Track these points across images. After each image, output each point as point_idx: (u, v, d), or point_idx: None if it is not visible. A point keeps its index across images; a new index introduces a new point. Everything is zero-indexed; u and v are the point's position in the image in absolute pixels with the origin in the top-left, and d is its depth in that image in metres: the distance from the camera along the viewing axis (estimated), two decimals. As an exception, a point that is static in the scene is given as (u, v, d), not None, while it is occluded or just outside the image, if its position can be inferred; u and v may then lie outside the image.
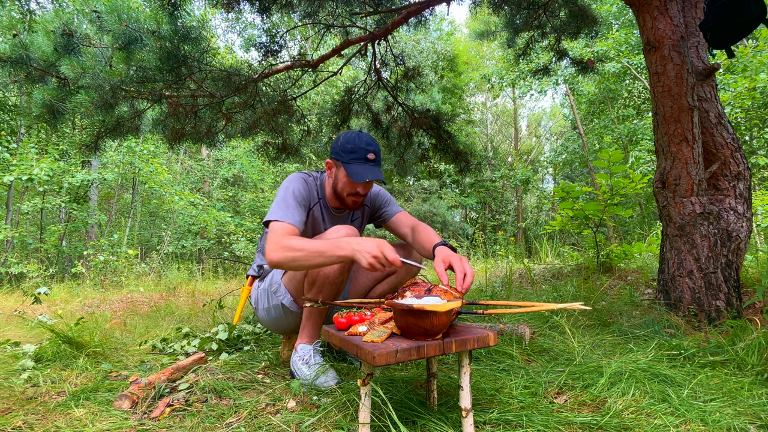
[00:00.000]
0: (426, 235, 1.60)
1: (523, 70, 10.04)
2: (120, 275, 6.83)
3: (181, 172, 12.28)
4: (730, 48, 2.04)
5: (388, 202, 1.89)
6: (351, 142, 1.61)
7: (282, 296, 1.69)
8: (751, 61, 6.81)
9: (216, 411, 1.32)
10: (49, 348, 1.93)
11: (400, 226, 1.81)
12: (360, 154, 1.59)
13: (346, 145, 1.61)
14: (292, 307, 1.68)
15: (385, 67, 3.83)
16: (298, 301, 1.67)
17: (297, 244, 1.39)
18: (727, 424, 1.13)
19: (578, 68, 3.97)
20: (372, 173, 1.58)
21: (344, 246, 1.32)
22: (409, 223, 1.77)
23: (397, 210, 1.87)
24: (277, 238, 1.44)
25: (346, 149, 1.60)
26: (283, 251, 1.39)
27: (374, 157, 1.61)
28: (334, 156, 1.66)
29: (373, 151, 1.61)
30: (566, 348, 1.83)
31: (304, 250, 1.36)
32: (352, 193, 1.66)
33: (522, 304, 1.13)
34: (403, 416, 1.12)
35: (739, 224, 2.20)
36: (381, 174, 1.61)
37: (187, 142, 3.32)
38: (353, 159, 1.59)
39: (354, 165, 1.59)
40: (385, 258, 1.27)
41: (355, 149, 1.59)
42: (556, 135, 21.07)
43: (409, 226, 1.75)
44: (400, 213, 1.86)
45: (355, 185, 1.63)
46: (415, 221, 1.76)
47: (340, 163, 1.63)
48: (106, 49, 2.46)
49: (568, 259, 4.94)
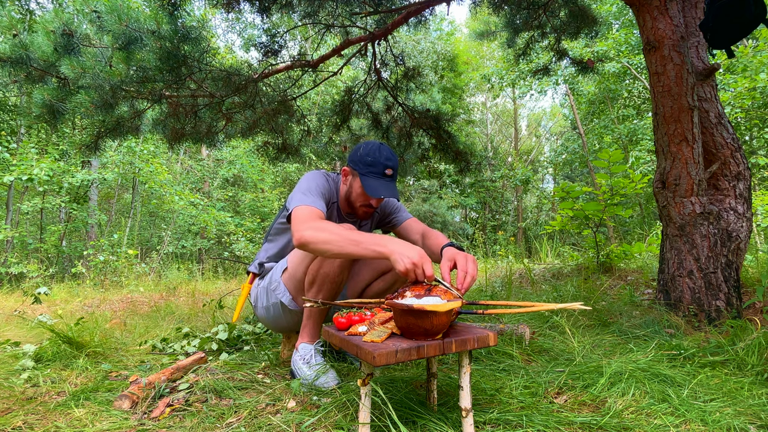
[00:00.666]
0: (435, 239, 1.61)
1: (523, 70, 10.04)
2: (120, 275, 6.83)
3: (181, 172, 12.28)
4: (730, 48, 2.04)
5: (398, 209, 1.90)
6: (371, 155, 1.60)
7: (281, 294, 1.69)
8: (751, 61, 6.81)
9: (216, 411, 1.32)
10: (49, 348, 1.93)
11: (410, 232, 1.81)
12: (378, 168, 1.59)
13: (365, 158, 1.60)
14: (290, 305, 1.68)
15: (385, 67, 3.83)
16: (297, 299, 1.67)
17: (331, 227, 1.33)
18: (727, 424, 1.13)
19: (578, 68, 3.97)
20: (387, 189, 1.57)
21: (385, 243, 1.27)
22: (419, 229, 1.77)
23: (407, 217, 1.88)
24: (307, 217, 1.39)
25: (366, 161, 1.59)
26: (316, 231, 1.32)
27: (392, 173, 1.61)
28: (351, 165, 1.65)
29: (392, 167, 1.61)
30: (566, 348, 1.83)
31: (338, 234, 1.30)
32: (364, 205, 1.67)
33: (522, 304, 1.13)
34: (403, 416, 1.12)
35: (739, 224, 2.20)
36: (396, 191, 1.61)
37: (187, 142, 3.32)
38: (370, 172, 1.59)
39: (370, 178, 1.58)
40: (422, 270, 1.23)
41: (374, 163, 1.59)
42: (556, 135, 21.07)
43: (419, 233, 1.75)
44: (410, 220, 1.87)
45: (369, 198, 1.64)
46: (425, 228, 1.77)
47: (357, 174, 1.63)
48: (106, 49, 2.46)
49: (568, 259, 4.94)
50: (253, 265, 1.87)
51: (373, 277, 1.79)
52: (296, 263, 1.62)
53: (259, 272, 1.84)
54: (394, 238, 1.32)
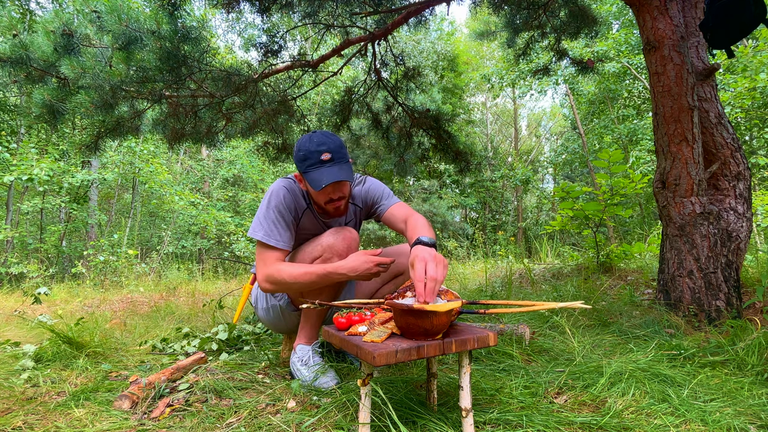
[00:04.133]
0: (412, 231, 1.41)
1: (523, 70, 10.04)
2: (120, 275, 6.83)
3: (181, 172, 12.28)
4: (730, 48, 2.04)
5: (382, 195, 1.71)
6: (302, 149, 1.47)
7: (279, 298, 1.69)
8: (751, 61, 6.81)
9: (216, 411, 1.32)
10: (49, 348, 1.93)
11: (395, 222, 1.61)
12: (313, 158, 1.44)
13: (299, 154, 1.48)
14: (289, 308, 1.69)
15: (385, 67, 3.83)
16: (295, 302, 1.67)
17: (289, 278, 1.46)
18: (727, 424, 1.13)
19: (578, 68, 3.97)
20: (330, 175, 1.42)
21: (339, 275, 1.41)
22: (403, 216, 1.58)
23: (390, 203, 1.68)
24: (266, 268, 1.50)
25: (300, 158, 1.47)
26: (274, 285, 1.48)
27: (330, 156, 1.44)
28: (297, 168, 1.52)
29: (328, 150, 1.45)
30: (566, 348, 1.83)
31: (296, 284, 1.45)
32: (327, 201, 1.53)
33: (522, 303, 1.13)
34: (403, 416, 1.12)
35: (739, 224, 2.20)
36: (343, 173, 1.44)
37: (187, 142, 3.32)
38: (309, 167, 1.45)
39: (311, 173, 1.45)
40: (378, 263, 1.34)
41: (308, 155, 1.45)
42: (556, 135, 21.07)
43: (404, 221, 1.55)
44: (393, 206, 1.65)
45: (325, 192, 1.50)
46: (408, 213, 1.57)
47: (302, 174, 1.50)
48: (106, 49, 2.45)
49: (568, 259, 4.94)
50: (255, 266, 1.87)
51: (383, 280, 1.79)
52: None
53: None
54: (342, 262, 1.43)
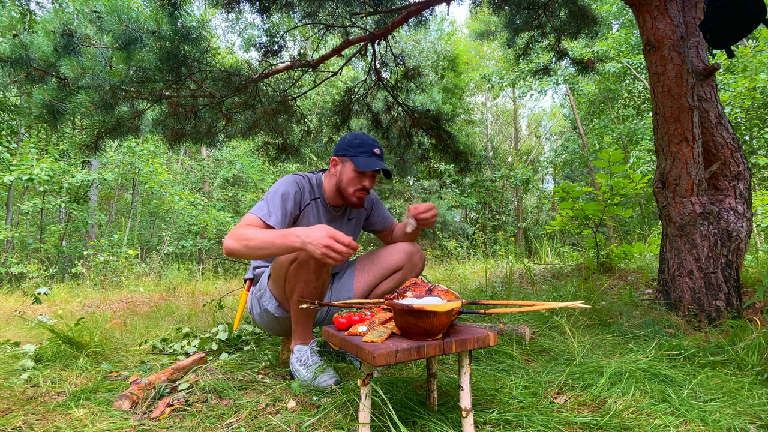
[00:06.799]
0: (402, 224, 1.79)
1: (523, 70, 10.03)
2: (120, 275, 6.83)
3: (181, 172, 12.28)
4: (730, 48, 2.04)
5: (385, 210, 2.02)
6: (358, 138, 1.70)
7: (267, 302, 1.70)
8: (751, 61, 6.81)
9: (216, 411, 1.32)
10: (49, 348, 1.93)
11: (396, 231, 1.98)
12: (367, 148, 1.68)
13: (353, 141, 1.70)
14: (276, 312, 1.69)
15: (385, 67, 3.83)
16: (283, 305, 1.68)
17: (251, 234, 1.44)
18: (727, 424, 1.13)
19: (578, 68, 3.97)
20: (378, 164, 1.67)
21: (294, 238, 1.36)
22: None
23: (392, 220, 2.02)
24: (236, 227, 1.50)
25: (354, 144, 1.69)
26: (237, 240, 1.45)
27: (380, 152, 1.71)
28: (339, 153, 1.71)
29: (379, 148, 1.72)
30: (566, 348, 1.83)
31: (255, 239, 1.42)
32: (358, 188, 1.71)
33: (522, 303, 1.13)
34: (403, 416, 1.12)
35: (739, 224, 2.20)
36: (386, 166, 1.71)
37: (187, 142, 3.32)
38: (361, 152, 1.67)
39: (362, 157, 1.67)
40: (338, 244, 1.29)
41: (363, 144, 1.68)
42: (556, 135, 21.06)
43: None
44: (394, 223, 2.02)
45: (362, 179, 1.69)
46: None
47: (347, 158, 1.69)
48: (106, 50, 2.45)
49: (568, 259, 4.94)
50: (249, 272, 1.88)
51: (382, 276, 1.79)
52: (276, 270, 1.62)
53: (253, 278, 1.84)
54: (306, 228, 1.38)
